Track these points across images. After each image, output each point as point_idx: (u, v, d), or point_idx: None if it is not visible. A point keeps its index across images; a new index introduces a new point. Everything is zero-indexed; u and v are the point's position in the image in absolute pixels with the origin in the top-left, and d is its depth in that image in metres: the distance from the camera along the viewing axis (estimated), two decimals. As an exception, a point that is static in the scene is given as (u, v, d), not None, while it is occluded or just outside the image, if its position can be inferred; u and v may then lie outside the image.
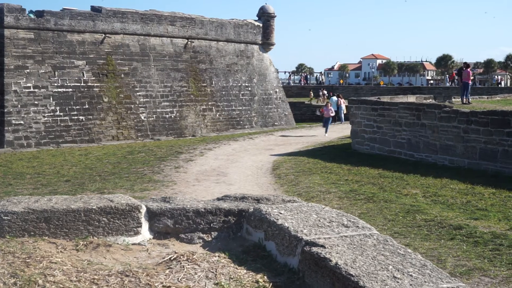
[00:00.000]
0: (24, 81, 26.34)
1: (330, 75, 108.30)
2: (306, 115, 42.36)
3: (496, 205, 11.31)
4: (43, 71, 26.98)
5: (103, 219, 3.41)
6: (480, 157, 16.25)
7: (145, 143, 25.13)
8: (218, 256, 3.39)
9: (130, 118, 29.69)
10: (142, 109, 30.33)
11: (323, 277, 3.06)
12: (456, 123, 16.95)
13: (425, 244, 8.64)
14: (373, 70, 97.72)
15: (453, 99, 25.72)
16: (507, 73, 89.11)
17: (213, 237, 3.66)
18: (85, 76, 28.42)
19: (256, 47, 37.22)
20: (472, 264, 7.68)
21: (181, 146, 21.96)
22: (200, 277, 3.09)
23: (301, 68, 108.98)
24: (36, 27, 26.92)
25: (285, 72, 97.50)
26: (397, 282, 2.89)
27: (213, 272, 3.16)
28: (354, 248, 3.22)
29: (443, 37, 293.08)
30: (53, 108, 27.06)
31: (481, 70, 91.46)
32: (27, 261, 2.96)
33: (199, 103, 33.19)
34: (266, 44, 37.63)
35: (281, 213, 3.56)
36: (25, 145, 25.38)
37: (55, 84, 27.33)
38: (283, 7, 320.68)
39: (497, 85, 67.17)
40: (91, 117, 28.21)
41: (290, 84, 73.37)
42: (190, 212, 3.61)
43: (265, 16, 37.11)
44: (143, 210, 3.56)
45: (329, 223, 3.49)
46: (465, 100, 23.84)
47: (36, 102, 26.57)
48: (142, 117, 30.23)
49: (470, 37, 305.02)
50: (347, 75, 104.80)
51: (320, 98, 49.53)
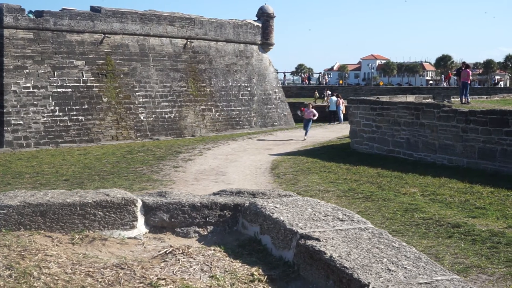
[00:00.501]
0: (24, 81, 26.35)
1: (329, 76, 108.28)
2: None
3: (494, 204, 11.32)
4: (42, 71, 26.99)
5: (99, 213, 3.42)
6: (479, 157, 16.26)
7: (144, 143, 25.14)
8: (214, 250, 3.40)
9: (130, 118, 29.70)
10: (141, 109, 30.35)
11: (318, 270, 3.07)
12: (455, 123, 16.96)
13: (423, 242, 8.65)
14: (372, 70, 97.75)
15: (452, 99, 25.72)
16: (507, 74, 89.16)
17: (209, 231, 3.67)
18: (84, 76, 28.43)
19: (255, 47, 37.25)
20: (469, 262, 7.69)
21: (180, 146, 21.97)
22: (195, 270, 3.10)
23: (300, 68, 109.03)
24: (35, 27, 26.93)
25: (281, 72, 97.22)
26: (392, 274, 2.90)
27: (208, 265, 3.17)
28: (349, 241, 3.23)
29: (443, 37, 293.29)
30: (52, 108, 27.07)
31: (481, 71, 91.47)
32: (22, 253, 2.97)
33: (198, 103, 33.21)
34: (266, 45, 37.65)
35: (276, 207, 3.57)
36: (24, 145, 25.39)
37: (55, 84, 27.34)
38: (282, 7, 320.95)
39: (494, 85, 67.05)
40: (90, 117, 28.21)
41: (285, 84, 72.98)
42: (186, 207, 3.62)
43: (264, 16, 37.13)
44: (139, 204, 3.56)
45: (324, 217, 3.50)
46: (464, 100, 23.86)
47: (35, 102, 26.58)
48: (142, 117, 30.25)
49: (469, 38, 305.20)
50: (346, 75, 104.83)
51: (325, 98, 49.28)
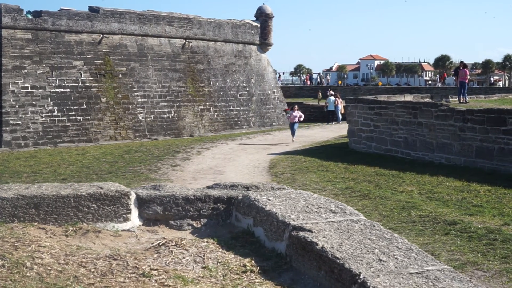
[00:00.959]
0: (22, 81, 26.35)
1: (328, 76, 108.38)
2: (304, 115, 42.28)
3: (491, 202, 11.34)
4: (40, 71, 27.00)
5: (93, 205, 3.44)
6: (477, 155, 16.27)
7: (143, 142, 25.15)
8: (207, 242, 3.41)
9: (128, 119, 29.70)
10: (140, 109, 30.35)
11: (309, 261, 3.09)
12: (452, 122, 16.98)
13: (420, 239, 8.67)
14: (371, 71, 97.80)
15: (450, 99, 25.75)
16: (505, 74, 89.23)
17: (202, 224, 3.68)
18: (82, 76, 28.44)
19: (254, 47, 37.27)
20: (465, 258, 7.71)
21: (178, 146, 21.98)
22: (188, 261, 3.12)
23: (299, 69, 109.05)
24: (33, 28, 26.94)
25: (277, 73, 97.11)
26: (383, 264, 2.92)
27: (201, 257, 3.18)
28: (341, 232, 3.25)
29: (442, 38, 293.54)
30: (50, 108, 27.07)
31: (480, 71, 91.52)
32: (15, 244, 2.99)
33: (197, 103, 33.22)
34: (264, 45, 37.68)
35: (269, 199, 3.59)
36: (23, 145, 25.39)
37: (53, 85, 27.34)
38: (281, 8, 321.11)
39: (491, 85, 67.03)
40: (89, 117, 28.22)
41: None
42: (179, 199, 3.64)
43: (262, 17, 37.16)
44: (133, 197, 3.58)
45: (317, 209, 3.52)
46: (462, 99, 23.88)
47: (34, 103, 26.58)
48: (140, 118, 30.25)
49: (468, 38, 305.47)
50: (345, 76, 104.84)
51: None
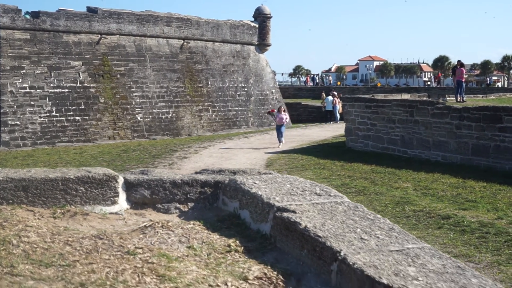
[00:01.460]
0: (20, 81, 26.41)
1: (330, 77, 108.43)
2: (302, 115, 42.43)
3: (486, 197, 11.39)
4: (39, 71, 27.06)
5: (81, 188, 3.49)
6: (473, 153, 16.33)
7: (140, 142, 25.22)
8: (193, 224, 3.46)
9: (127, 119, 29.76)
10: (138, 109, 30.41)
11: (293, 240, 3.14)
12: (448, 119, 17.04)
13: (413, 232, 8.70)
14: (370, 71, 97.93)
15: (447, 98, 25.80)
16: (504, 75, 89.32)
17: (189, 207, 3.73)
18: (81, 76, 28.50)
19: (252, 47, 37.34)
20: (458, 251, 7.76)
21: (176, 145, 22.04)
22: (173, 241, 3.17)
23: (298, 70, 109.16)
24: (32, 28, 27.01)
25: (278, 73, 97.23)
26: (364, 242, 2.97)
27: (186, 237, 3.23)
28: (324, 213, 3.30)
29: (441, 39, 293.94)
30: (49, 108, 27.13)
31: (478, 72, 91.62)
32: (3, 224, 3.04)
33: (195, 104, 33.28)
34: (262, 45, 37.76)
35: (255, 183, 3.64)
36: (21, 145, 25.44)
37: (51, 85, 27.41)
38: (280, 9, 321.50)
39: (487, 86, 67.05)
40: (87, 117, 28.28)
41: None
42: (167, 183, 3.69)
43: (261, 17, 37.24)
44: (120, 180, 3.63)
45: (302, 191, 3.57)
46: (459, 98, 23.93)
47: (32, 103, 26.64)
48: (139, 118, 30.31)
49: (467, 39, 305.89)
50: (344, 76, 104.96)
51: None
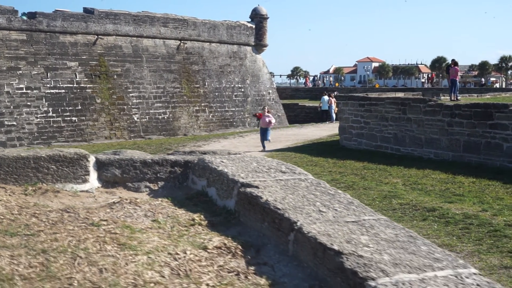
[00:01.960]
0: (17, 82, 26.53)
1: (326, 78, 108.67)
2: (299, 116, 42.55)
3: (473, 191, 11.49)
4: (35, 72, 27.18)
5: (52, 166, 3.59)
6: (464, 150, 16.43)
7: (136, 141, 25.33)
8: (161, 201, 3.56)
9: (123, 119, 29.87)
10: (135, 110, 30.53)
11: (255, 214, 3.24)
12: (440, 117, 17.15)
13: (398, 224, 8.80)
14: (368, 73, 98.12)
15: (441, 97, 25.90)
16: (502, 75, 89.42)
17: (159, 186, 3.83)
18: (77, 77, 28.63)
19: (249, 48, 37.46)
20: (440, 241, 7.85)
21: (171, 144, 22.14)
22: (138, 215, 3.27)
23: (296, 71, 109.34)
24: (28, 29, 27.14)
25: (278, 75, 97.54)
26: (322, 214, 3.07)
27: (152, 212, 3.33)
28: (286, 188, 3.40)
29: (439, 40, 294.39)
30: (45, 109, 27.25)
31: (476, 73, 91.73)
32: (-28, 198, 3.14)
33: (192, 104, 33.39)
34: (259, 46, 37.88)
35: (223, 161, 3.74)
36: (17, 145, 25.52)
37: (48, 85, 27.53)
38: (278, 10, 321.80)
39: (481, 86, 67.09)
40: (83, 118, 28.40)
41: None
42: (137, 163, 3.79)
43: (257, 18, 37.37)
44: (92, 159, 3.73)
45: (268, 169, 3.68)
46: (453, 97, 24.00)
47: (28, 103, 26.75)
48: (135, 118, 30.43)
49: (466, 40, 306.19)
50: (342, 78, 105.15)
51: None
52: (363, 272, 2.43)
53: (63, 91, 27.94)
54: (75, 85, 28.46)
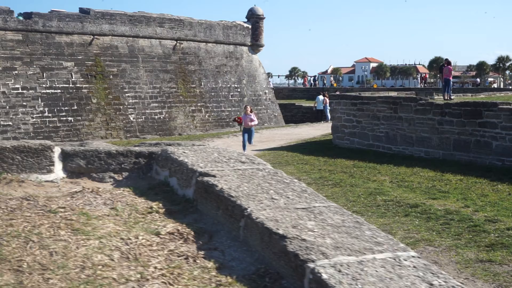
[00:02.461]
0: (13, 82, 26.62)
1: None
2: (296, 116, 42.66)
3: (459, 189, 11.58)
4: (31, 72, 27.28)
5: (17, 157, 3.68)
6: (454, 148, 16.53)
7: (130, 141, 25.41)
8: (122, 190, 3.66)
9: (119, 119, 29.96)
10: (131, 110, 30.62)
11: (210, 202, 3.33)
12: (431, 115, 17.24)
13: (380, 220, 8.90)
14: (366, 73, 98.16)
15: (435, 96, 26.00)
16: (500, 76, 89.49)
17: (123, 177, 3.93)
18: (73, 77, 28.72)
19: (245, 48, 37.56)
20: (420, 236, 7.95)
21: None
22: (98, 203, 3.36)
23: (294, 71, 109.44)
24: (24, 29, 27.24)
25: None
26: (273, 202, 3.16)
27: (112, 200, 3.43)
28: (242, 177, 3.49)
29: (437, 41, 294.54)
30: (41, 109, 27.34)
31: (474, 73, 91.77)
32: None
33: (188, 104, 33.48)
34: (255, 46, 37.98)
35: (185, 152, 3.84)
36: (12, 144, 25.64)
37: (44, 86, 27.62)
38: (275, 11, 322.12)
39: (477, 86, 67.14)
40: (79, 118, 28.49)
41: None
42: (102, 154, 3.88)
43: (254, 18, 37.47)
44: (57, 150, 3.83)
45: (227, 160, 3.77)
46: (446, 96, 24.09)
47: (24, 103, 26.84)
48: (131, 118, 30.52)
49: (465, 41, 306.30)
50: (340, 78, 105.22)
51: None
52: (304, 255, 2.52)
53: (59, 91, 28.03)
54: (71, 85, 28.55)
